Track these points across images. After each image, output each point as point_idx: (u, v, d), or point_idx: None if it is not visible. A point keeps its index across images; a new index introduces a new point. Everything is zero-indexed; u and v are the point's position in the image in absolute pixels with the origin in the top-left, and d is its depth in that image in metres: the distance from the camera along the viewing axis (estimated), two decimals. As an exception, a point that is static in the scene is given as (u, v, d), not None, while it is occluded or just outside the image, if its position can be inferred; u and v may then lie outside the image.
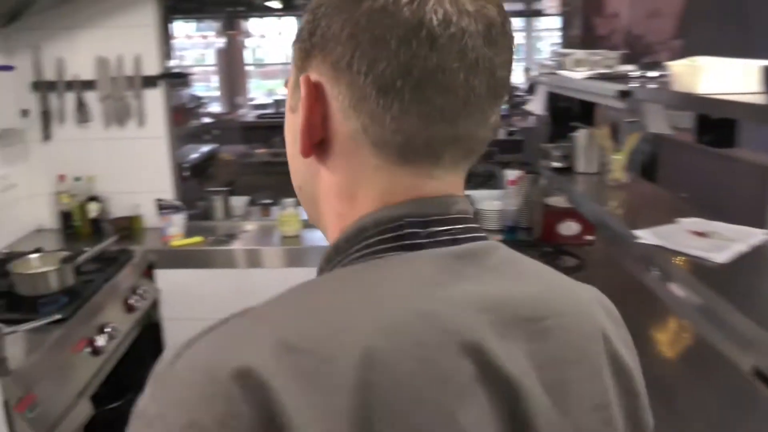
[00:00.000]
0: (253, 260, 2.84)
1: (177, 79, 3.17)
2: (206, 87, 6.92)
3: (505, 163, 3.34)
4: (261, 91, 7.22)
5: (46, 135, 3.03)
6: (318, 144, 0.60)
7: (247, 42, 6.05)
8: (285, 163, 0.69)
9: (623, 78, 1.89)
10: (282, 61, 7.80)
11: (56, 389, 2.05)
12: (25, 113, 2.76)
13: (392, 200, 0.59)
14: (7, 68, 2.75)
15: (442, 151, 0.59)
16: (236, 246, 2.87)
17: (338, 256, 0.60)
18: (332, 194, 0.62)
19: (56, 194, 3.05)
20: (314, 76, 0.59)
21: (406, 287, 0.55)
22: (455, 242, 0.59)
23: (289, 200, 2.94)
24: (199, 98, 4.15)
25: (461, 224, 0.60)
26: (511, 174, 2.85)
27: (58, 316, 2.07)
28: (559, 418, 0.57)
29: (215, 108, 6.61)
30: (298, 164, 0.65)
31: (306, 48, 0.60)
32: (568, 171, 2.55)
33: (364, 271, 0.57)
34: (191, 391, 0.48)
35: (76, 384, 2.15)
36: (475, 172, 3.12)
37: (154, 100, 3.00)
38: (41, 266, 2.29)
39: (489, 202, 2.95)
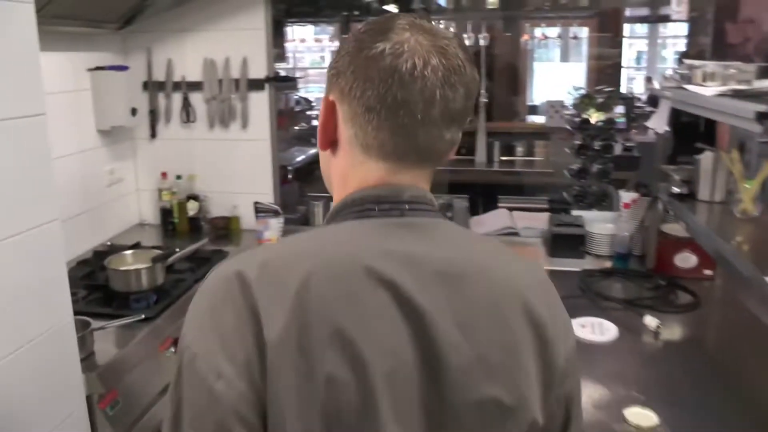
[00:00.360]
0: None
1: (284, 82, 3.17)
2: (321, 89, 6.99)
3: (620, 181, 3.10)
4: None
5: (153, 133, 3.11)
6: (331, 143, 0.88)
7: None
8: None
9: (761, 96, 1.65)
10: None
11: (139, 387, 2.05)
12: (134, 112, 2.83)
13: (365, 185, 0.84)
14: (122, 68, 2.83)
15: (405, 155, 0.84)
16: None
17: (331, 218, 0.87)
18: (337, 177, 0.89)
19: (158, 191, 3.12)
20: (331, 97, 0.86)
21: (347, 238, 0.82)
22: (401, 216, 0.83)
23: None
24: (309, 101, 4.14)
25: (412, 205, 0.84)
26: (626, 196, 2.62)
27: (143, 315, 2.07)
28: (465, 348, 0.77)
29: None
30: (321, 155, 0.93)
31: (330, 77, 0.87)
32: (689, 197, 2.30)
33: (331, 227, 0.85)
34: (212, 286, 0.80)
35: (160, 382, 2.15)
36: (587, 191, 2.91)
37: (260, 102, 3.00)
38: (135, 263, 2.32)
39: (600, 224, 2.73)
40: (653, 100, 2.63)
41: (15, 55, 1.53)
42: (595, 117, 3.01)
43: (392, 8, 5.22)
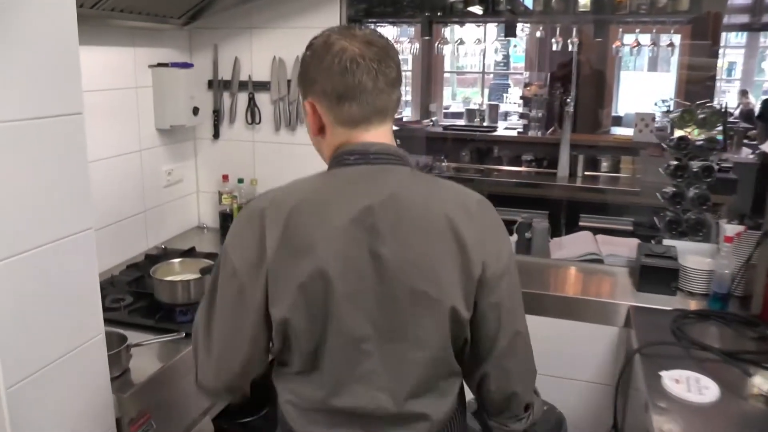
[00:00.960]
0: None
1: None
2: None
3: (716, 206, 2.74)
4: (455, 99, 7.00)
5: (215, 134, 2.99)
6: (320, 129, 1.23)
7: (445, 49, 5.78)
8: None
9: None
10: (478, 70, 7.51)
11: (175, 410, 1.90)
12: (195, 111, 2.70)
13: (344, 146, 1.21)
14: (186, 65, 2.72)
15: (369, 119, 1.19)
16: None
17: (327, 170, 1.24)
18: (328, 149, 1.24)
19: (218, 194, 2.99)
20: (310, 99, 1.22)
21: (328, 180, 1.22)
22: (367, 164, 1.19)
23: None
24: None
25: (376, 156, 1.19)
26: (729, 228, 2.29)
27: (183, 334, 1.92)
28: (403, 255, 1.14)
29: (407, 113, 6.47)
30: (313, 140, 1.28)
31: (302, 86, 1.24)
32: (810, 235, 1.97)
33: (320, 174, 1.24)
34: (244, 214, 1.24)
35: (198, 405, 2.00)
36: (682, 219, 2.58)
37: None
38: (183, 272, 2.19)
39: (696, 258, 2.41)
40: (749, 116, 2.27)
41: (52, 50, 1.40)
42: (695, 135, 2.68)
43: (476, 10, 4.95)
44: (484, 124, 5.88)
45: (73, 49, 1.45)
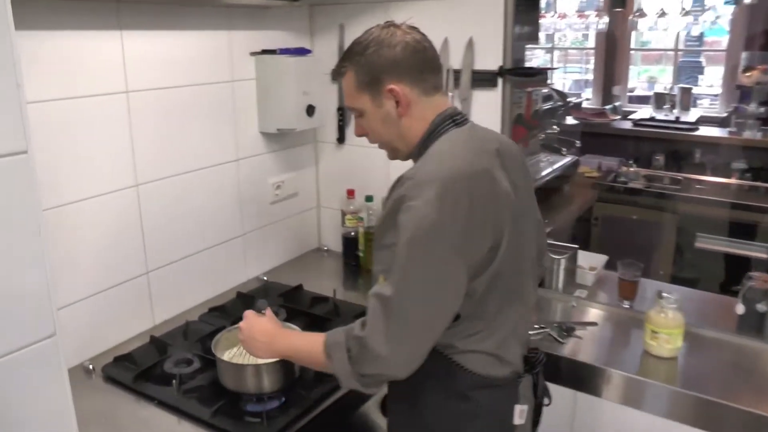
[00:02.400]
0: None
1: (527, 77, 2.17)
2: (582, 69, 5.87)
3: None
4: (639, 78, 5.83)
5: (340, 137, 2.35)
6: (406, 108, 1.30)
7: (640, 23, 4.72)
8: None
9: None
10: (664, 46, 6.21)
11: None
12: (310, 110, 2.07)
13: (439, 111, 1.32)
14: (301, 52, 2.09)
15: (441, 84, 1.36)
16: (565, 351, 1.78)
17: (430, 137, 1.30)
18: (417, 122, 1.31)
19: (341, 213, 2.36)
20: (390, 85, 1.28)
21: (467, 141, 1.30)
22: (466, 122, 1.34)
23: (671, 286, 1.77)
24: (563, 95, 3.06)
25: (462, 113, 1.36)
26: None
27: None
28: (523, 192, 1.35)
29: (587, 95, 5.50)
30: (393, 128, 1.33)
31: (377, 75, 1.28)
32: None
33: (456, 136, 1.30)
34: (438, 195, 1.19)
35: None
36: None
37: (488, 104, 2.06)
38: None
39: None
40: None
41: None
42: None
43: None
44: (677, 116, 4.71)
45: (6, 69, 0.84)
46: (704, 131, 4.40)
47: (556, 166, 3.20)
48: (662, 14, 4.77)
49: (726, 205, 3.44)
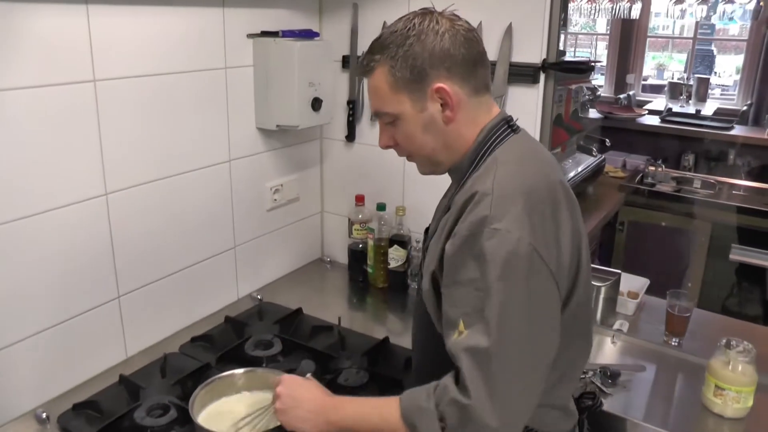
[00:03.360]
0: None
1: (574, 72, 1.86)
2: (590, 55, 5.58)
3: None
4: (648, 66, 5.51)
5: (350, 135, 2.04)
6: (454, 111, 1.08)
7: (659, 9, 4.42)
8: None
9: None
10: (672, 33, 5.89)
11: None
12: (316, 104, 1.75)
13: (492, 114, 1.11)
14: (308, 35, 1.77)
15: (490, 86, 1.13)
16: (613, 406, 1.46)
17: (486, 145, 1.08)
18: (465, 127, 1.09)
19: (348, 222, 2.05)
20: (439, 84, 1.04)
21: (533, 151, 1.13)
22: (518, 129, 1.14)
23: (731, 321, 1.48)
24: (594, 91, 2.74)
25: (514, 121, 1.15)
26: None
27: None
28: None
29: (599, 82, 5.18)
30: (437, 135, 1.09)
31: (419, 74, 1.04)
32: None
33: (518, 146, 1.10)
34: (526, 210, 0.99)
35: None
36: None
37: (527, 102, 1.75)
38: (248, 388, 1.29)
39: None
40: None
41: None
42: None
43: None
44: (697, 109, 4.40)
45: None
46: (740, 131, 4.07)
47: (582, 167, 2.89)
48: (678, 1, 4.44)
49: (763, 214, 3.13)
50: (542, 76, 1.72)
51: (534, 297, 0.96)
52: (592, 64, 1.98)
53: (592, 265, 1.88)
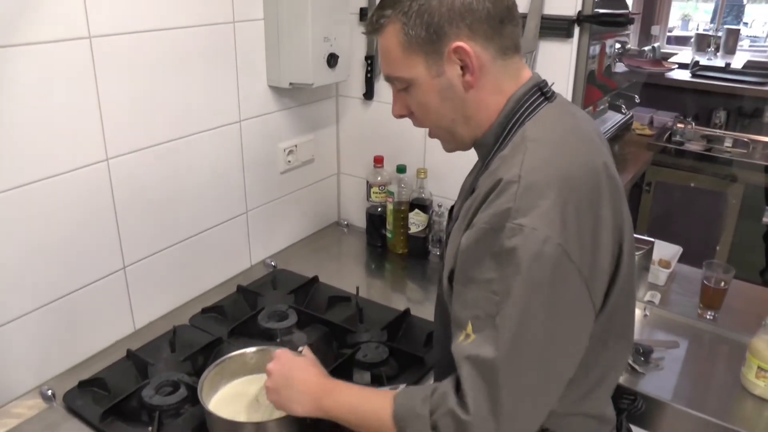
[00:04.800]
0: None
1: (610, 25, 1.71)
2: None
3: None
4: (675, 17, 5.26)
5: (368, 93, 1.91)
6: (476, 75, 0.92)
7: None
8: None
9: None
10: None
11: None
12: (332, 60, 1.63)
13: (523, 80, 0.96)
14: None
15: (520, 46, 0.97)
16: (647, 386, 1.39)
17: (514, 118, 0.93)
18: (491, 95, 0.93)
19: (366, 184, 1.95)
20: (458, 43, 0.89)
21: (572, 127, 0.95)
22: (555, 96, 0.99)
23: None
24: (623, 43, 2.58)
25: (549, 86, 1.00)
26: None
27: None
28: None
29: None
30: (456, 103, 0.94)
31: (437, 31, 0.89)
32: None
33: (557, 119, 0.94)
34: (556, 207, 0.84)
35: None
36: None
37: (559, 58, 1.61)
38: (260, 369, 1.20)
39: None
40: None
41: None
42: None
43: None
44: (727, 62, 4.18)
45: None
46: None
47: (610, 124, 2.74)
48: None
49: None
50: (577, 30, 1.58)
51: (558, 307, 0.83)
52: (632, 16, 1.80)
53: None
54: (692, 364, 1.45)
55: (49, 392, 1.30)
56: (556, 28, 1.59)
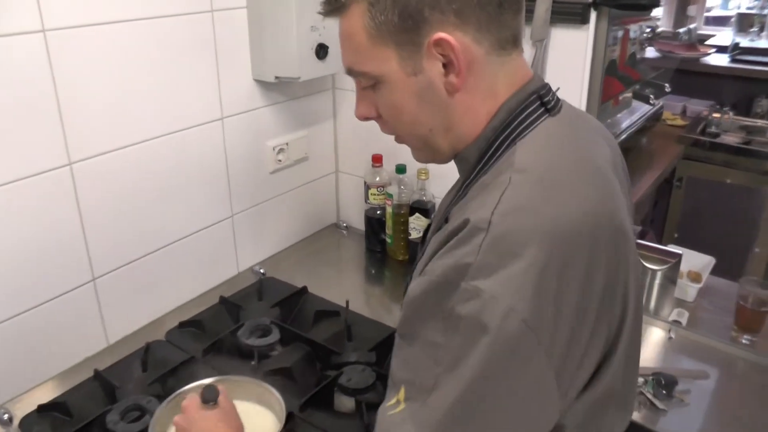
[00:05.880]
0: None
1: (631, 9, 1.54)
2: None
3: None
4: None
5: (365, 87, 1.77)
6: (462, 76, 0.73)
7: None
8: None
9: None
10: None
11: None
12: (321, 51, 1.49)
13: (521, 82, 0.77)
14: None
15: (520, 39, 0.78)
16: (668, 426, 1.23)
17: (505, 132, 0.74)
18: (481, 99, 0.75)
19: (364, 185, 1.82)
20: (442, 34, 0.70)
21: (571, 147, 0.77)
22: (559, 105, 0.81)
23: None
24: (654, 30, 2.39)
25: (551, 93, 0.81)
26: None
27: None
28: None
29: (656, 13, 4.70)
30: (438, 108, 0.76)
31: (418, 21, 0.70)
32: None
33: (547, 134, 0.75)
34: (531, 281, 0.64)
35: None
36: None
37: (574, 47, 1.44)
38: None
39: None
40: None
41: None
42: None
43: None
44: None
45: None
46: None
47: (637, 116, 2.55)
48: None
49: None
50: (593, 15, 1.42)
51: (510, 399, 0.65)
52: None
53: (643, 242, 1.62)
54: (724, 399, 1.27)
55: (6, 416, 1.20)
56: (569, 12, 1.43)
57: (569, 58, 1.46)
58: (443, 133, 0.78)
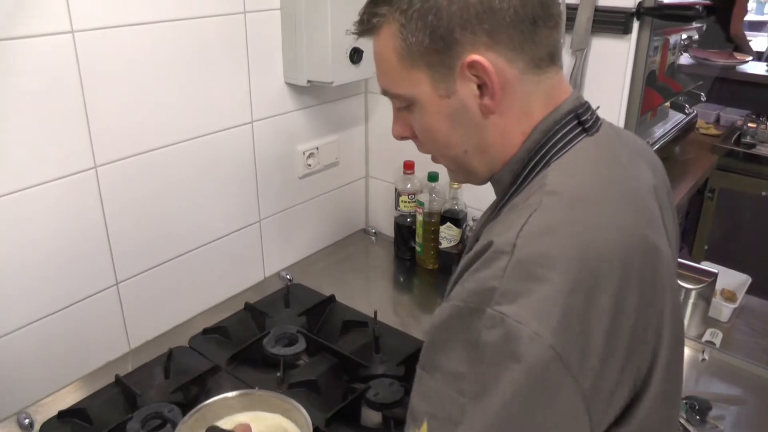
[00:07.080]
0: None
1: (675, 20, 1.49)
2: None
3: None
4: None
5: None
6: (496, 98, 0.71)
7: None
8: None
9: None
10: None
11: None
12: (357, 56, 1.46)
13: (558, 101, 0.74)
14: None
15: (557, 56, 0.75)
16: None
17: (540, 153, 0.72)
18: (516, 121, 0.73)
19: (395, 192, 1.78)
20: (472, 57, 0.68)
21: (609, 170, 0.74)
22: (598, 124, 0.77)
23: None
24: (690, 37, 2.33)
25: (591, 112, 0.78)
26: None
27: None
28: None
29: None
30: (467, 133, 0.74)
31: (450, 43, 0.69)
32: None
33: (584, 156, 0.72)
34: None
35: None
36: None
37: (614, 57, 1.39)
38: (242, 410, 1.05)
39: None
40: None
41: None
42: None
43: None
44: None
45: None
46: None
47: (671, 124, 2.48)
48: None
49: None
50: (636, 25, 1.37)
51: (540, 427, 0.60)
52: (701, 8, 1.54)
53: (678, 260, 1.57)
54: (762, 426, 1.22)
55: (26, 421, 1.19)
56: (611, 22, 1.37)
57: (609, 69, 1.41)
58: (478, 155, 0.76)
